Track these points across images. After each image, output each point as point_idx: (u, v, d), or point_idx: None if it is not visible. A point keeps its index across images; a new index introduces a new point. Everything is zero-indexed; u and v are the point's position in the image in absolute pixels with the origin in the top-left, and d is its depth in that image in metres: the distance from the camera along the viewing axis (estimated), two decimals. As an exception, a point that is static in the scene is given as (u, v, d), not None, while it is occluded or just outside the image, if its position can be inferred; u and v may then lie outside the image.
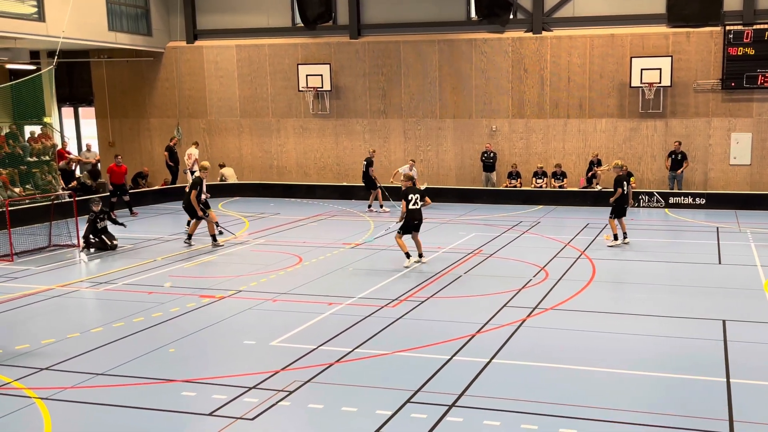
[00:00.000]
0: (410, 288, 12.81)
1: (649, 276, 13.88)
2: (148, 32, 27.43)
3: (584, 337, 10.13)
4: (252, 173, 28.08)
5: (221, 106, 28.10)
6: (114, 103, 29.31)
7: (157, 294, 12.64)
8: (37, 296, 12.72)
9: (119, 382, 8.59)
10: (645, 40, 23.66)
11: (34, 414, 7.76)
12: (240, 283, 13.38)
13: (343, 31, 26.49)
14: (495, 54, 25.01)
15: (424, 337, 10.05)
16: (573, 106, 24.61)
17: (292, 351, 9.53)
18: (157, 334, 10.39)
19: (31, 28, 22.25)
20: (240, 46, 27.49)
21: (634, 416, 7.44)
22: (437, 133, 25.98)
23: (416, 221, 14.80)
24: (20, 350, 9.72)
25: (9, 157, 22.92)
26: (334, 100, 26.69)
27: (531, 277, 13.54)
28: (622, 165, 17.15)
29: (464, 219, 21.07)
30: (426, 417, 7.47)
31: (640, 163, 24.15)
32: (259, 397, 8.03)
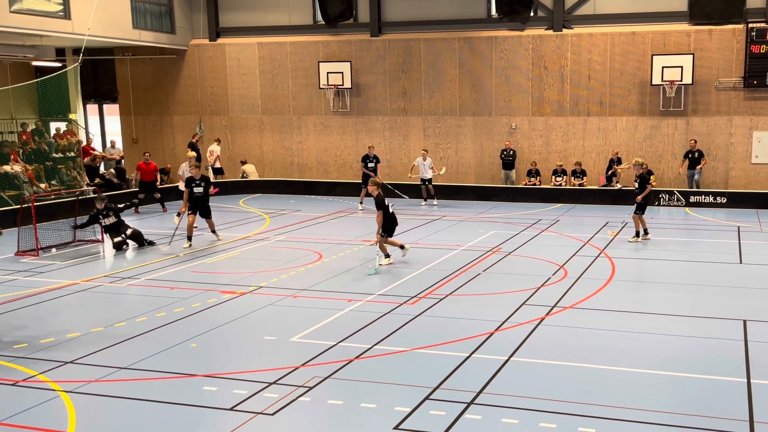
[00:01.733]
0: (429, 285, 12.86)
1: (669, 275, 13.86)
2: (172, 30, 27.68)
3: (603, 336, 10.12)
4: (273, 170, 28.25)
5: (243, 104, 28.28)
6: (138, 100, 29.60)
7: (179, 289, 12.79)
8: (61, 290, 12.92)
9: (142, 376, 8.71)
10: (666, 37, 23.53)
11: (58, 407, 7.87)
12: (261, 279, 13.49)
13: (363, 29, 26.58)
14: (515, 52, 24.98)
15: (442, 335, 10.09)
16: (593, 103, 24.54)
17: (312, 347, 9.61)
18: (179, 329, 10.51)
19: (57, 26, 22.52)
20: (262, 44, 27.65)
21: (654, 416, 7.42)
22: (457, 130, 26.00)
23: (395, 226, 14.84)
24: (45, 344, 9.87)
25: (35, 153, 23.28)
26: (354, 97, 26.79)
27: (550, 276, 13.54)
28: (642, 162, 17.13)
29: (483, 217, 21.07)
30: (444, 414, 7.50)
31: (660, 162, 24.04)
32: (279, 392, 8.10)
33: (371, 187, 14.63)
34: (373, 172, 22.57)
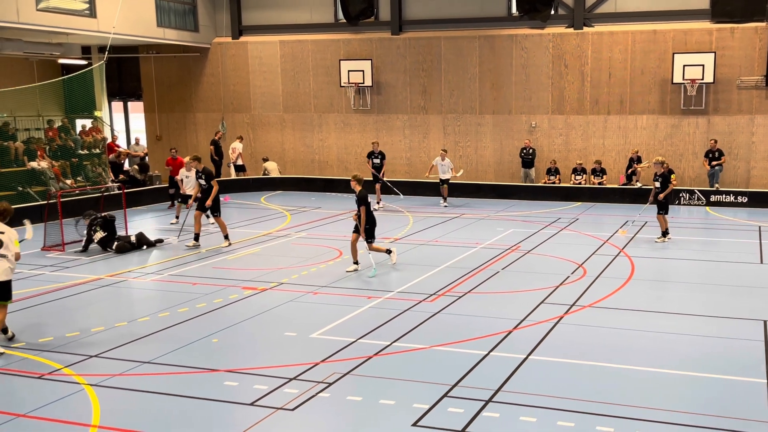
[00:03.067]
0: (448, 283, 12.93)
1: (688, 275, 13.84)
2: (195, 28, 27.92)
3: (622, 335, 10.11)
4: (294, 167, 28.41)
5: (265, 101, 28.47)
6: (161, 97, 29.89)
7: (201, 285, 12.94)
8: (86, 285, 13.12)
9: (164, 370, 8.83)
10: (688, 35, 23.41)
11: (83, 400, 8.00)
12: (281, 275, 13.61)
13: (384, 27, 26.66)
14: (535, 50, 24.96)
15: (461, 332, 10.15)
16: (613, 102, 24.47)
17: (332, 343, 9.70)
18: (201, 325, 10.64)
19: (83, 24, 22.80)
20: (283, 42, 27.81)
21: (672, 416, 7.42)
22: (476, 129, 26.02)
23: (375, 225, 14.30)
24: (70, 338, 10.03)
25: (61, 149, 23.63)
26: (375, 95, 26.88)
27: (569, 274, 13.55)
28: (663, 161, 17.08)
29: (502, 215, 21.09)
30: (463, 411, 7.54)
31: (681, 161, 23.92)
32: (299, 388, 8.18)
33: (353, 183, 14.13)
34: (377, 169, 22.52)
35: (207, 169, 16.79)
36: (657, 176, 16.80)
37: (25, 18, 20.59)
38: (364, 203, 13.81)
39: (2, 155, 21.60)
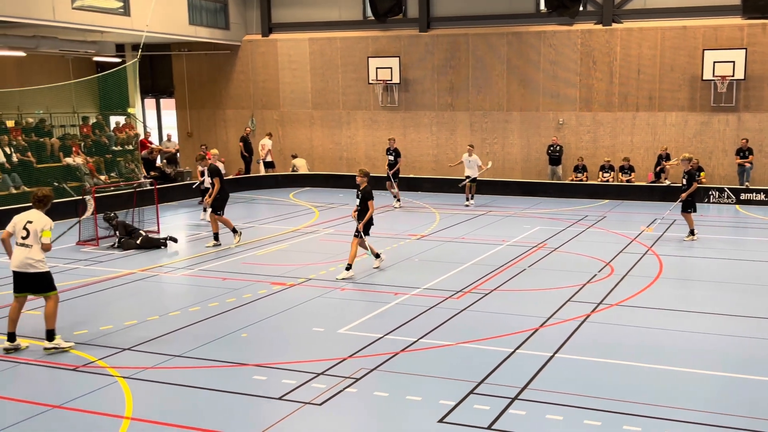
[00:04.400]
0: (474, 280, 12.98)
1: (717, 274, 13.75)
2: (226, 26, 28.20)
3: (649, 334, 10.07)
4: (322, 164, 28.58)
5: (294, 98, 28.66)
6: (193, 94, 30.22)
7: (231, 280, 13.11)
8: (119, 279, 13.35)
9: (195, 364, 8.97)
10: (718, 32, 23.19)
11: (116, 392, 8.15)
12: (309, 271, 13.74)
13: (412, 24, 26.71)
14: (563, 46, 24.87)
15: (487, 330, 10.19)
16: (642, 99, 24.31)
17: (359, 339, 9.79)
18: (230, 319, 10.78)
19: (117, 22, 23.14)
20: (312, 39, 27.97)
21: (700, 416, 7.40)
22: (504, 126, 25.99)
23: (372, 224, 13.82)
24: (104, 331, 10.21)
25: (95, 146, 24.02)
26: (402, 92, 26.95)
27: (596, 272, 13.53)
28: (690, 158, 16.99)
29: (529, 212, 21.07)
30: (489, 408, 7.57)
31: (710, 158, 23.73)
32: (326, 383, 8.26)
33: (359, 178, 13.65)
34: (390, 167, 22.22)
35: (213, 166, 16.70)
36: (684, 173, 16.74)
37: (60, 16, 20.94)
38: (371, 198, 13.46)
39: (39, 151, 22.02)
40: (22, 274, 9.31)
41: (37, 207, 9.41)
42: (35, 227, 9.20)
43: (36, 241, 9.20)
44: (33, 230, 9.20)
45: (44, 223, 9.26)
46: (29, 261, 9.22)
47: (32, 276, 9.28)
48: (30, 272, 9.26)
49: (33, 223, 9.23)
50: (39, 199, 9.45)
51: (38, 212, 9.37)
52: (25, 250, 9.22)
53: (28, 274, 9.28)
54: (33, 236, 9.20)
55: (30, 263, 9.23)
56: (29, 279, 9.31)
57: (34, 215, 9.32)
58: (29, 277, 9.30)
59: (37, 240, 9.20)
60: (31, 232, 9.21)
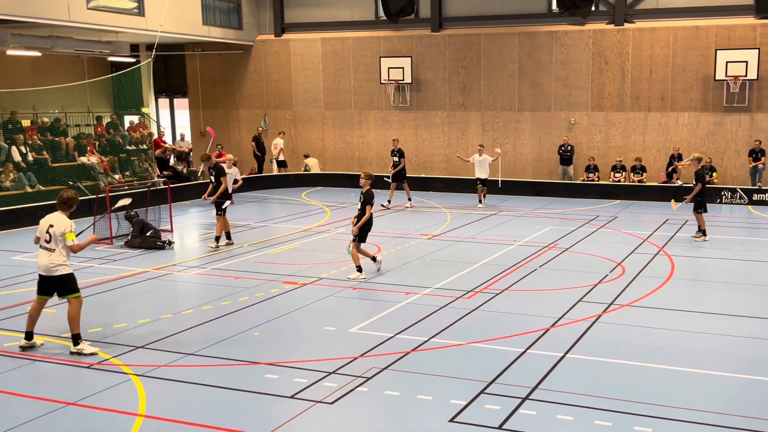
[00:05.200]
0: (485, 280, 13.01)
1: (729, 274, 13.69)
2: (239, 26, 28.34)
3: (661, 335, 10.06)
4: (334, 164, 28.66)
5: (306, 98, 28.75)
6: (206, 94, 30.38)
7: (244, 279, 13.20)
8: (133, 278, 13.45)
9: (207, 362, 9.03)
10: (731, 32, 23.11)
11: (130, 389, 8.22)
12: (321, 270, 13.80)
13: (424, 24, 26.75)
14: (575, 46, 24.85)
15: (498, 329, 10.21)
16: (654, 99, 24.26)
17: (371, 338, 9.83)
18: (243, 318, 10.85)
19: (132, 23, 23.32)
20: (325, 39, 28.05)
21: (711, 417, 7.38)
22: (515, 126, 25.99)
23: (370, 228, 13.69)
24: (118, 329, 10.29)
25: (110, 145, 24.19)
26: (414, 92, 26.99)
27: (607, 273, 13.52)
28: (700, 158, 16.96)
29: (540, 212, 21.07)
30: (499, 408, 7.59)
31: (723, 159, 23.66)
32: (338, 382, 8.30)
33: (363, 180, 13.46)
34: (394, 168, 22.00)
35: (218, 166, 16.54)
36: (695, 174, 16.76)
37: (76, 17, 21.11)
38: (370, 203, 13.30)
39: (54, 150, 22.20)
40: (46, 278, 9.37)
41: (62, 209, 9.40)
42: (56, 231, 9.24)
43: (58, 244, 9.23)
44: (54, 234, 9.24)
45: (64, 226, 9.24)
46: (51, 265, 9.27)
47: (55, 279, 9.34)
48: (53, 275, 9.32)
49: (54, 227, 9.26)
50: (63, 201, 9.41)
51: (60, 215, 9.35)
52: (48, 254, 9.29)
53: (51, 278, 9.34)
54: (54, 240, 9.23)
55: (52, 267, 9.28)
56: (52, 282, 9.37)
57: (56, 218, 9.32)
58: (52, 281, 9.36)
59: (59, 243, 9.23)
60: (52, 236, 9.24)
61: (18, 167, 20.72)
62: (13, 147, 20.94)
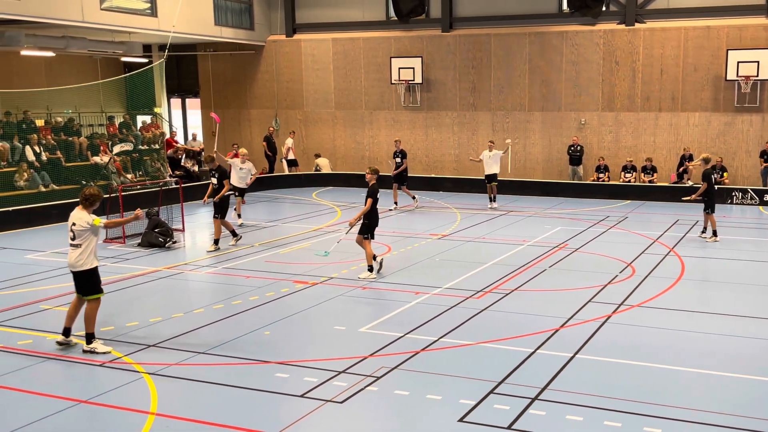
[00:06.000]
0: (495, 280, 13.03)
1: (740, 275, 13.64)
2: (251, 26, 28.44)
3: (671, 336, 10.05)
4: (344, 164, 28.72)
5: (317, 98, 28.83)
6: (218, 94, 30.51)
7: (254, 278, 13.27)
8: (145, 277, 13.55)
9: (218, 361, 9.09)
10: (743, 32, 23.03)
11: (142, 387, 8.29)
12: (331, 270, 13.84)
13: (435, 25, 26.77)
14: (586, 46, 24.82)
15: (508, 330, 10.23)
16: (665, 99, 24.20)
17: (380, 338, 9.87)
18: (253, 317, 10.91)
19: (145, 23, 23.44)
20: (336, 40, 28.11)
21: (722, 418, 7.37)
22: (525, 126, 25.98)
23: (376, 224, 13.71)
24: (130, 327, 10.37)
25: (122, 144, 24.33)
26: (424, 92, 27.02)
27: (617, 273, 13.51)
28: (708, 158, 16.93)
29: (550, 212, 21.06)
30: (509, 408, 7.60)
31: (734, 159, 23.59)
32: (348, 381, 8.33)
33: (369, 175, 13.63)
34: (397, 168, 21.83)
35: (221, 168, 16.45)
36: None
37: (89, 17, 21.25)
38: (371, 196, 13.35)
39: (67, 150, 22.37)
40: (73, 273, 9.57)
41: (84, 206, 9.46)
42: (77, 229, 9.36)
43: (84, 240, 9.34)
44: (76, 231, 9.36)
45: (85, 221, 9.32)
46: (77, 261, 9.41)
47: (79, 274, 9.48)
48: (77, 271, 9.47)
49: (75, 225, 9.38)
50: (85, 198, 9.48)
51: (80, 213, 9.41)
52: (74, 251, 9.42)
53: (76, 273, 9.50)
54: (79, 236, 9.35)
55: (78, 263, 9.42)
56: (77, 277, 9.53)
57: (76, 216, 9.41)
58: (77, 276, 9.52)
59: (85, 239, 9.33)
60: (75, 233, 9.37)
61: (32, 167, 20.88)
62: (27, 146, 21.12)
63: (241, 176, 18.77)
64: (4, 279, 13.48)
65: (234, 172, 18.74)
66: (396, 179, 21.98)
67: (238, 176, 18.74)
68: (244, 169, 18.80)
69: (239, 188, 18.97)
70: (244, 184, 18.87)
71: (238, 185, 18.84)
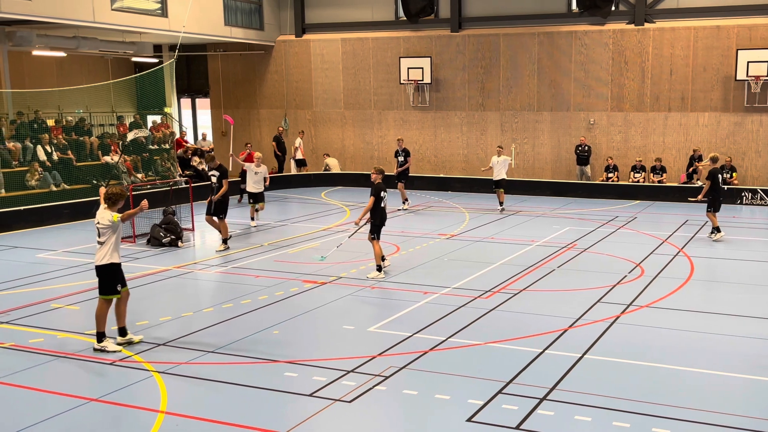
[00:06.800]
0: (504, 280, 13.04)
1: (750, 276, 13.60)
2: (260, 26, 28.52)
3: (680, 337, 10.03)
4: (353, 164, 28.76)
5: (326, 98, 28.88)
6: (227, 94, 30.61)
7: (263, 278, 13.32)
8: (155, 276, 13.62)
9: (227, 360, 9.13)
10: (753, 31, 22.95)
11: (152, 386, 8.35)
12: (340, 270, 13.88)
13: (444, 24, 26.78)
14: (595, 46, 24.79)
15: (516, 330, 10.24)
16: (674, 99, 24.15)
17: (389, 337, 9.90)
18: (262, 316, 10.96)
19: (155, 23, 23.56)
20: (345, 40, 28.16)
21: (731, 419, 7.36)
22: (534, 126, 25.97)
23: (385, 222, 13.71)
24: (140, 326, 10.41)
25: (132, 144, 24.45)
26: (433, 92, 27.03)
27: (626, 274, 13.50)
28: (716, 158, 16.90)
29: (559, 212, 21.04)
30: (517, 408, 7.61)
31: (743, 159, 23.51)
32: (356, 380, 8.36)
33: (374, 175, 13.65)
34: (401, 167, 21.68)
35: (222, 167, 16.18)
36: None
37: (100, 18, 21.38)
38: (374, 194, 13.41)
39: (78, 150, 22.49)
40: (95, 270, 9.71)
41: (108, 205, 9.57)
42: (100, 227, 9.50)
43: (109, 238, 9.46)
44: (100, 229, 9.51)
45: (106, 219, 9.44)
46: (99, 257, 9.55)
47: (97, 270, 9.61)
48: (97, 266, 9.61)
49: (99, 224, 9.51)
50: (108, 197, 9.59)
51: (103, 212, 9.51)
52: (99, 249, 9.58)
53: (96, 269, 9.63)
54: (102, 235, 9.48)
55: (98, 260, 9.57)
56: (97, 274, 9.65)
57: (100, 215, 9.53)
58: (97, 273, 9.64)
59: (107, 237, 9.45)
60: (99, 231, 9.52)
61: (43, 166, 21.02)
62: (38, 146, 21.26)
63: (256, 180, 18.54)
64: (16, 278, 13.58)
65: (249, 176, 18.58)
66: (398, 177, 21.89)
67: (253, 181, 18.52)
68: (260, 172, 18.54)
69: (254, 194, 18.68)
70: (260, 188, 18.61)
71: (254, 190, 18.59)
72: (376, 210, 13.41)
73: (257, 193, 18.72)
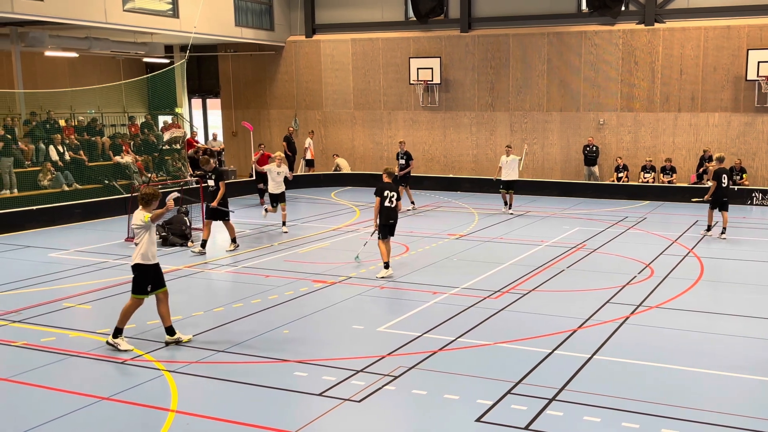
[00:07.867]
0: (513, 280, 13.05)
1: (759, 277, 13.56)
2: (271, 27, 28.60)
3: (689, 337, 10.00)
4: (363, 164, 28.79)
5: (336, 99, 28.94)
6: (238, 94, 30.72)
7: (274, 278, 13.36)
8: (166, 276, 13.43)
9: (238, 359, 9.17)
10: (763, 31, 22.87)
11: (162, 385, 8.40)
12: (350, 269, 13.92)
13: (453, 25, 26.79)
14: (605, 46, 24.75)
15: (525, 330, 10.25)
16: (684, 99, 24.08)
17: (398, 337, 9.91)
18: (272, 316, 10.99)
19: (166, 24, 23.66)
20: (355, 40, 28.21)
21: (741, 421, 7.33)
22: (543, 126, 25.95)
23: (392, 221, 13.52)
24: (151, 325, 10.43)
25: (144, 144, 24.60)
26: (443, 93, 27.04)
27: (635, 274, 13.48)
28: (722, 158, 16.90)
29: (568, 213, 21.02)
30: (526, 409, 7.61)
31: (754, 159, 23.42)
32: (366, 380, 8.38)
33: (384, 176, 13.67)
34: (403, 170, 21.38)
35: (218, 170, 15.97)
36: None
37: (112, 18, 21.50)
38: (378, 195, 13.41)
39: (90, 150, 22.63)
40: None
41: (142, 205, 9.69)
42: (134, 227, 9.67)
43: (139, 238, 9.59)
44: (134, 230, 9.68)
45: (139, 219, 9.58)
46: (133, 257, 9.69)
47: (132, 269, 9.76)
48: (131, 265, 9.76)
49: (134, 225, 9.69)
50: (141, 198, 9.74)
51: (138, 213, 9.65)
52: (135, 249, 9.72)
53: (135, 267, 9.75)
54: (137, 236, 9.63)
55: (133, 259, 9.71)
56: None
57: (135, 216, 9.69)
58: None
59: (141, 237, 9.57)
60: (134, 232, 9.71)
61: (55, 166, 21.16)
62: (50, 146, 21.40)
63: (277, 181, 18.00)
64: (28, 277, 13.67)
65: (270, 178, 18.06)
66: (400, 181, 21.48)
67: (275, 182, 18.00)
68: (281, 172, 18.03)
69: (274, 194, 18.16)
70: (281, 189, 18.09)
71: (275, 191, 18.08)
72: (381, 210, 13.46)
73: (278, 194, 18.18)
